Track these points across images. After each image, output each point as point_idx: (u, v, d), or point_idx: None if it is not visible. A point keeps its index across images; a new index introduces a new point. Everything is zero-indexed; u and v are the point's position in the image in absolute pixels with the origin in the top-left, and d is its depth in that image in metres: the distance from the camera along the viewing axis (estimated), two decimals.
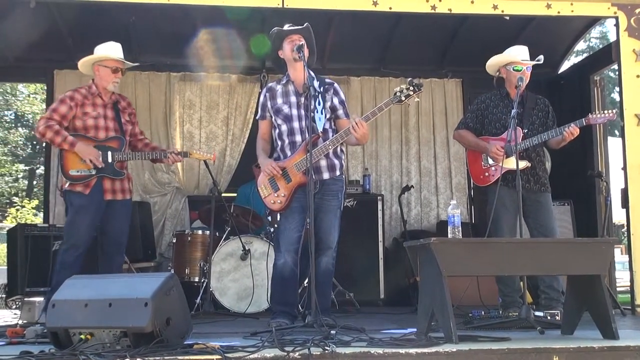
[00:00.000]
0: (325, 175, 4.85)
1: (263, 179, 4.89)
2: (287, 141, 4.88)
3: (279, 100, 4.92)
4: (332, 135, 4.83)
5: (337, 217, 4.89)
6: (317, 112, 4.70)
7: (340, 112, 4.97)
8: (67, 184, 5.21)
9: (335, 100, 4.94)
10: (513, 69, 5.46)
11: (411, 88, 4.68)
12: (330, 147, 4.77)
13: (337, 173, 4.92)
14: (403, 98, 4.68)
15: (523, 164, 5.37)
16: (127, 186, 5.42)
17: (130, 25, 7.36)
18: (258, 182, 4.95)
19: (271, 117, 4.97)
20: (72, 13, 7.00)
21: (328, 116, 4.87)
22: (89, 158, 5.13)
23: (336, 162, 4.91)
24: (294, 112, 4.87)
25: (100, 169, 5.19)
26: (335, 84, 5.02)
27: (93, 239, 5.30)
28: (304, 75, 4.78)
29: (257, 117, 5.15)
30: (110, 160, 5.24)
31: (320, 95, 4.74)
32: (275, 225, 6.80)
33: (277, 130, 4.95)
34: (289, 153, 4.86)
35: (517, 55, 5.49)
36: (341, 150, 4.99)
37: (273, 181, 4.84)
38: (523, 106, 5.52)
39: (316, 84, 4.83)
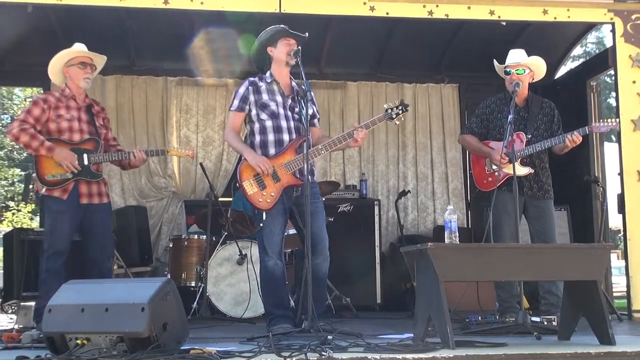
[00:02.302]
0: (310, 179, 4.81)
1: (248, 174, 4.72)
2: (271, 138, 4.79)
3: (265, 97, 4.85)
4: (321, 145, 4.83)
5: (324, 219, 4.88)
6: (302, 115, 4.71)
7: (316, 120, 5.03)
8: (43, 189, 5.07)
9: (314, 108, 4.98)
10: (505, 73, 5.48)
11: (401, 107, 4.87)
12: (323, 151, 4.77)
13: (315, 178, 4.93)
14: (394, 116, 4.87)
15: (526, 170, 5.38)
16: (104, 190, 5.29)
17: (127, 29, 7.37)
18: (242, 178, 4.72)
19: (250, 111, 4.86)
20: (69, 17, 7.00)
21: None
22: (65, 163, 5.03)
23: (313, 168, 4.92)
24: (281, 111, 4.83)
25: (77, 173, 5.08)
26: (312, 92, 4.96)
27: (75, 243, 5.22)
28: (289, 80, 4.86)
29: (232, 108, 4.93)
30: (86, 162, 5.12)
31: (303, 100, 4.73)
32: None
33: (257, 125, 4.84)
34: (272, 150, 4.78)
35: (509, 59, 5.50)
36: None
37: (259, 178, 4.69)
38: (528, 111, 5.52)
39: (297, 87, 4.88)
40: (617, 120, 5.53)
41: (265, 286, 4.83)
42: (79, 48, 5.32)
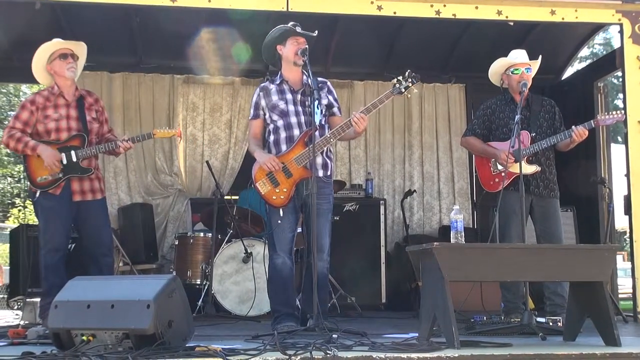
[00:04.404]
0: (320, 173, 4.79)
1: (261, 174, 4.77)
2: (283, 135, 4.82)
3: (274, 98, 4.88)
4: (327, 131, 4.82)
5: (328, 221, 4.85)
6: (312, 108, 4.70)
7: (335, 109, 4.99)
8: (37, 192, 5.07)
9: (330, 98, 4.96)
10: (512, 73, 5.47)
11: (410, 80, 4.76)
12: (331, 139, 4.76)
13: (329, 173, 4.91)
14: (403, 90, 4.76)
15: (533, 169, 5.38)
16: (98, 186, 5.25)
17: (134, 27, 7.38)
18: (255, 178, 4.79)
19: (264, 115, 4.91)
20: (76, 14, 7.01)
21: (323, 112, 4.87)
22: (48, 162, 4.99)
23: (328, 161, 4.91)
24: (291, 107, 4.85)
25: (67, 171, 5.07)
26: (328, 82, 5.03)
27: (74, 241, 5.23)
28: (301, 77, 4.86)
29: (249, 118, 5.07)
30: (74, 159, 5.09)
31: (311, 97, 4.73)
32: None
33: (271, 126, 4.89)
34: (284, 147, 4.80)
35: (516, 58, 5.50)
36: (330, 151, 4.96)
37: (272, 176, 4.72)
38: (529, 110, 5.52)
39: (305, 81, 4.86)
40: (622, 112, 5.55)
41: (272, 284, 4.84)
42: (54, 41, 5.27)
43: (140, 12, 6.95)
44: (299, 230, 5.04)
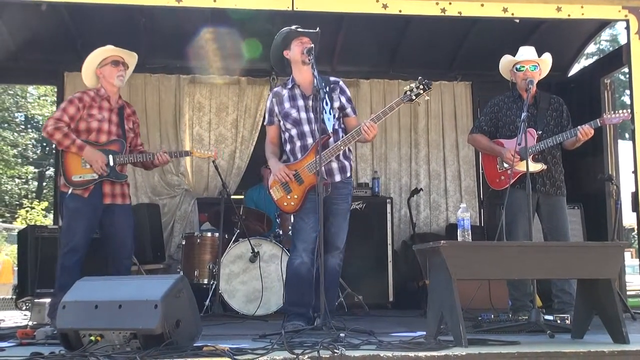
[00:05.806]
0: (337, 177, 4.85)
1: (275, 181, 4.85)
2: (298, 144, 4.86)
3: (287, 105, 4.90)
4: (342, 135, 4.83)
5: (346, 220, 4.90)
6: (325, 113, 4.69)
7: (349, 110, 4.97)
8: (70, 190, 5.11)
9: (343, 99, 4.94)
10: (517, 70, 5.46)
11: (421, 87, 4.71)
12: (341, 147, 4.77)
13: (348, 175, 4.94)
14: (414, 97, 4.72)
15: (539, 167, 5.37)
16: (127, 191, 5.35)
17: (140, 27, 7.39)
18: (269, 185, 4.89)
19: (279, 121, 4.96)
20: (82, 15, 7.03)
21: (337, 116, 4.87)
22: (96, 164, 5.09)
23: (346, 163, 4.92)
24: (303, 115, 4.86)
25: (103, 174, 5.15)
26: (340, 82, 5.00)
27: (92, 242, 5.22)
28: (312, 78, 4.79)
29: (264, 123, 5.14)
30: (112, 163, 5.19)
31: (327, 96, 4.72)
32: (284, 231, 6.81)
33: (287, 134, 4.93)
34: (299, 155, 4.84)
35: (521, 55, 5.48)
36: (349, 150, 4.98)
37: (285, 183, 4.80)
38: (537, 107, 5.51)
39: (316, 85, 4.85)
40: (629, 110, 5.53)
41: (288, 283, 4.89)
42: (108, 47, 5.35)
43: (146, 13, 6.96)
44: None
